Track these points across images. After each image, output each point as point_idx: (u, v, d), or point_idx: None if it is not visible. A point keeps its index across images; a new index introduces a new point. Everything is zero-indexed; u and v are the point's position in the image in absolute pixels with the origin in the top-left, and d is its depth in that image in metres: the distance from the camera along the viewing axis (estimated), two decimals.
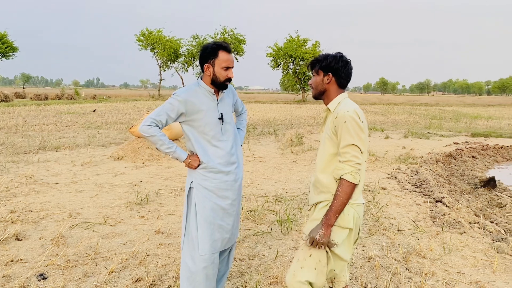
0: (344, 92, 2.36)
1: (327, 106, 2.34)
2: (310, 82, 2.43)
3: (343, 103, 2.28)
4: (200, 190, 2.68)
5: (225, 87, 2.69)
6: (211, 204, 2.67)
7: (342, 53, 2.34)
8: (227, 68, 2.62)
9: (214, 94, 2.70)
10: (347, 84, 2.35)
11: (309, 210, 2.46)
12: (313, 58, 2.41)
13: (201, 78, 2.72)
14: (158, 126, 2.61)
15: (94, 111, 23.76)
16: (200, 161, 2.66)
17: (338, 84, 2.32)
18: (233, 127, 2.84)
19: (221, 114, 2.72)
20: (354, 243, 2.33)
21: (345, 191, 2.13)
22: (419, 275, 3.61)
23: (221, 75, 2.62)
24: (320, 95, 2.38)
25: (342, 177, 2.14)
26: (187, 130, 2.70)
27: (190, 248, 2.69)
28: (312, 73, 2.40)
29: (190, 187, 2.73)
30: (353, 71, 2.37)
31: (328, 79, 2.31)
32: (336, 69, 2.29)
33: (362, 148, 2.16)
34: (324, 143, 2.31)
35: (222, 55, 2.60)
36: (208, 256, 2.65)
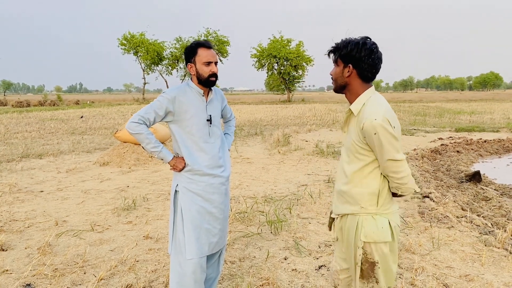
0: (370, 86, 2.00)
1: (350, 107, 2.01)
2: (330, 72, 2.07)
3: (369, 104, 1.93)
4: (186, 193, 2.65)
5: (212, 83, 2.66)
6: (197, 207, 2.64)
7: (368, 38, 1.95)
8: (209, 64, 2.61)
9: (203, 96, 2.69)
10: (374, 77, 1.99)
11: (336, 218, 2.19)
12: (334, 45, 2.03)
13: (191, 80, 2.71)
14: (146, 124, 2.59)
15: (82, 117, 23.05)
16: (185, 163, 2.64)
17: (361, 77, 1.96)
18: (220, 131, 2.83)
19: (210, 116, 2.70)
20: None
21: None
22: (409, 271, 3.63)
23: (204, 71, 2.60)
24: (341, 90, 2.04)
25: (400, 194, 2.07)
26: (174, 130, 2.67)
27: (177, 253, 2.66)
28: (338, 63, 2.03)
29: (176, 191, 2.70)
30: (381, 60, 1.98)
31: (348, 72, 1.95)
32: (358, 59, 1.91)
33: (399, 156, 1.91)
34: (349, 149, 2.03)
35: (201, 51, 2.61)
36: (195, 260, 2.62)
